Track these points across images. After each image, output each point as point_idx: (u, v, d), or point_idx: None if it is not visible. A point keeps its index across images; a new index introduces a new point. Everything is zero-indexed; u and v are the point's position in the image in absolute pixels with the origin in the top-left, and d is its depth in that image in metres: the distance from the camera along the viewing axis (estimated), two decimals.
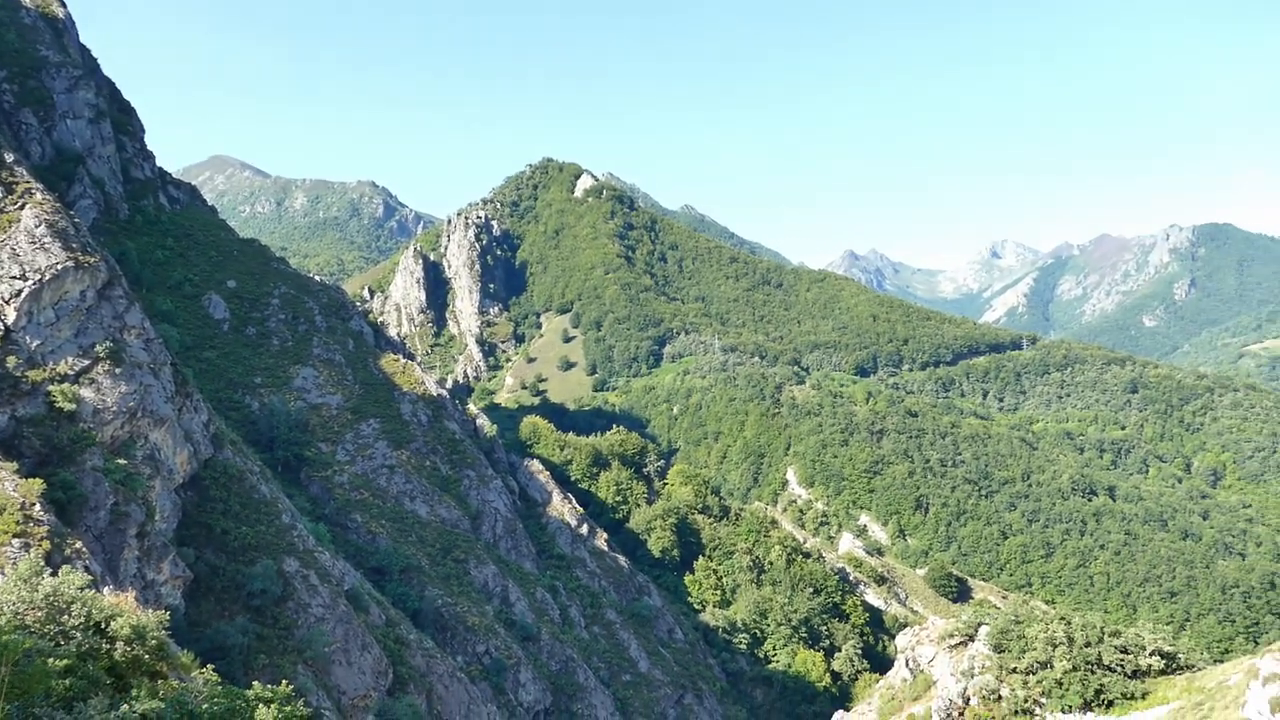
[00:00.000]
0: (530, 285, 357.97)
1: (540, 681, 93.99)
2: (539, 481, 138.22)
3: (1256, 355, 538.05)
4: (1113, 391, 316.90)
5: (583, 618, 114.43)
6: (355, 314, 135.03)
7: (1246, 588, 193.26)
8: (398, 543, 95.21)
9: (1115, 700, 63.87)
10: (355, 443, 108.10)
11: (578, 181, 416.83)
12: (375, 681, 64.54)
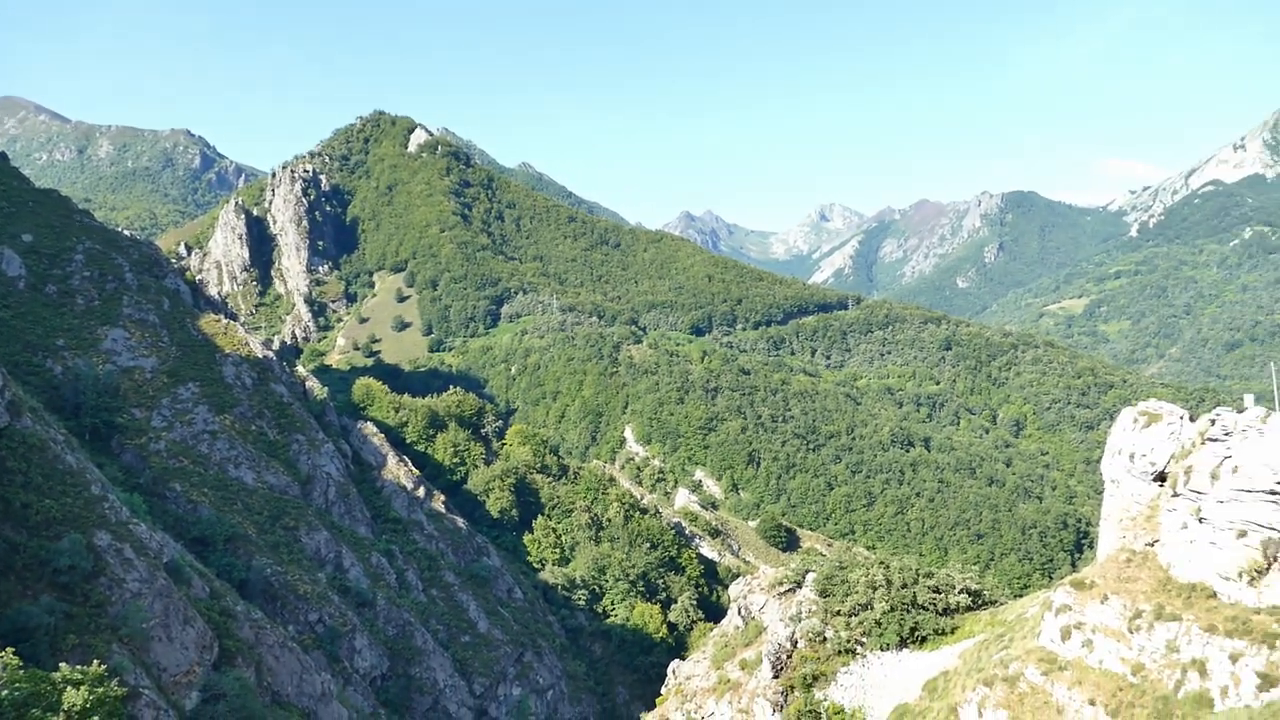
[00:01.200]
0: (362, 243, 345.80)
1: (377, 647, 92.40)
2: (373, 444, 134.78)
3: (1054, 314, 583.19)
4: (929, 349, 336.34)
5: (420, 581, 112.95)
6: (171, 272, 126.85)
7: (1043, 528, 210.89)
8: (222, 512, 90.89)
9: (928, 636, 68.52)
10: (173, 408, 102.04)
11: (411, 136, 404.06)
12: (199, 656, 61.71)
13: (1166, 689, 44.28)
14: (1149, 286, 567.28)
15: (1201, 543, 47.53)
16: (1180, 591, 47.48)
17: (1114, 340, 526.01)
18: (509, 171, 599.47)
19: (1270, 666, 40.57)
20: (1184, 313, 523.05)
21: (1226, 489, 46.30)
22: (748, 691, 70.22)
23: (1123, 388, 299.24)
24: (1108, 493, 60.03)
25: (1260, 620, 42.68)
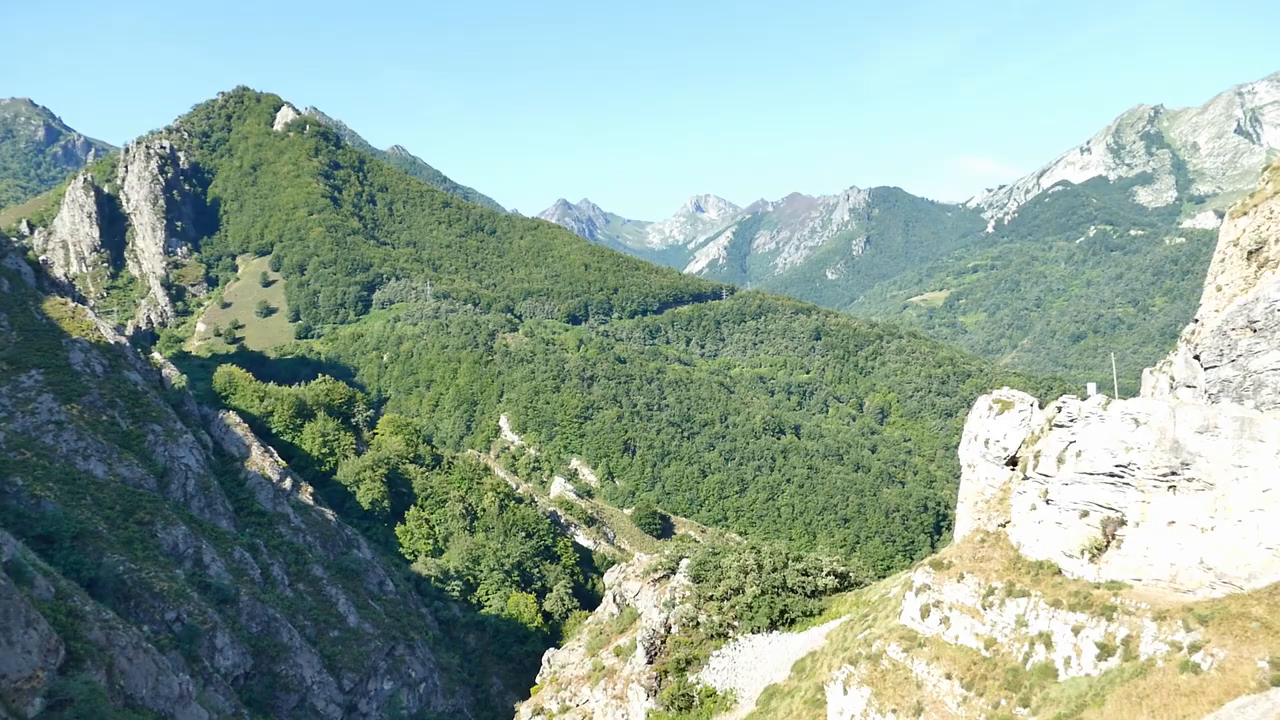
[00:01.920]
0: (224, 224, 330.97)
1: (239, 645, 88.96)
2: (236, 435, 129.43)
3: (917, 306, 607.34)
4: (800, 338, 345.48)
5: (287, 575, 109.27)
6: (11, 251, 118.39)
7: (905, 511, 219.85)
8: (69, 506, 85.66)
9: (797, 618, 70.53)
10: (13, 396, 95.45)
11: (278, 114, 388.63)
12: (44, 660, 58.05)
13: (1016, 661, 46.85)
14: (1004, 281, 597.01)
15: (1048, 523, 50.44)
16: (1029, 569, 50.27)
17: (972, 331, 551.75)
18: (381, 154, 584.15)
19: (1108, 637, 43.43)
20: (1035, 306, 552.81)
21: (1071, 472, 49.24)
22: (622, 677, 70.77)
23: (979, 377, 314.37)
24: (964, 477, 63.03)
25: (1099, 594, 45.62)
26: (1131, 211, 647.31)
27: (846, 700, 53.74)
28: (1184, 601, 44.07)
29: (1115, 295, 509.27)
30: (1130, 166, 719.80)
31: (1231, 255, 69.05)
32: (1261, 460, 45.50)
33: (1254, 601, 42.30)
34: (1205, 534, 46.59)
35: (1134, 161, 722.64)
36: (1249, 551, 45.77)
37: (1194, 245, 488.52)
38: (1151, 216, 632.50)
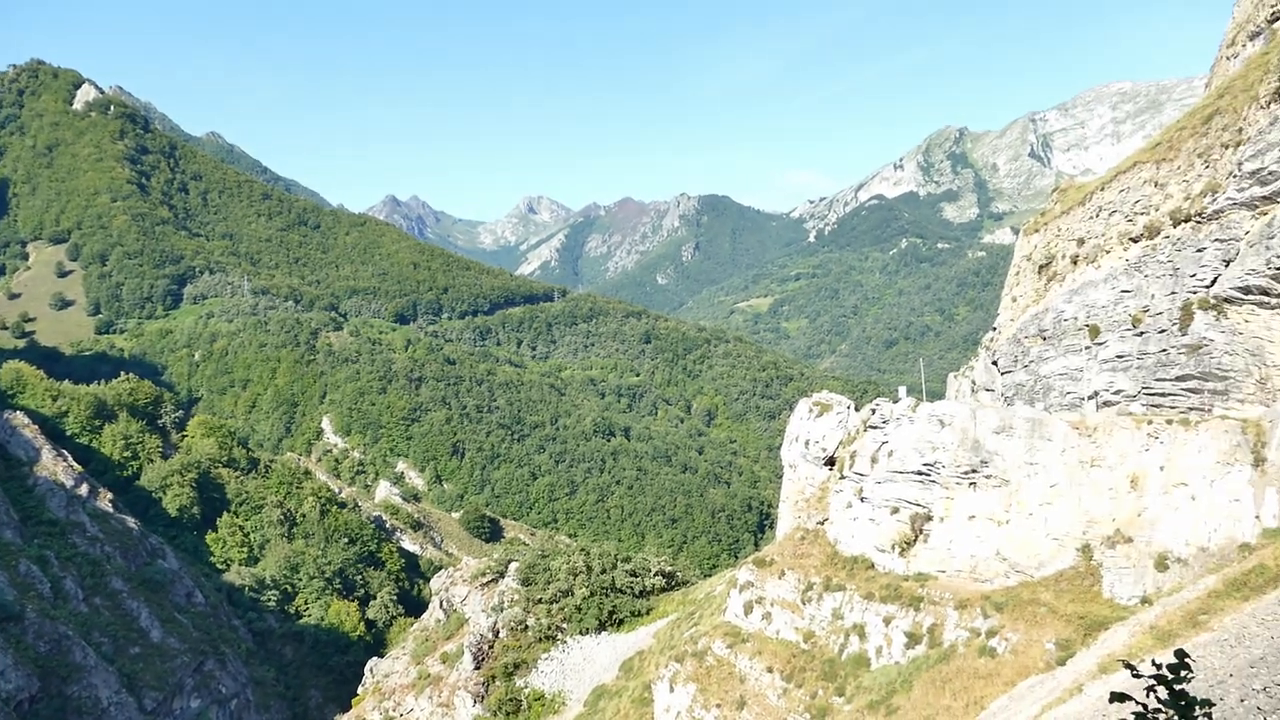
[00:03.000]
0: (13, 209, 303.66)
1: (24, 666, 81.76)
2: (24, 437, 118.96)
3: (744, 312, 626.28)
4: (630, 341, 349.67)
5: (81, 589, 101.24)
6: None
7: (731, 511, 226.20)
8: None
9: (625, 618, 71.23)
10: None
11: (77, 92, 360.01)
12: None
13: (833, 652, 48.91)
14: (824, 289, 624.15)
15: (863, 519, 52.98)
16: (845, 564, 52.59)
17: (794, 336, 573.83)
18: (195, 140, 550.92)
19: (915, 626, 45.98)
20: (852, 313, 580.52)
21: (883, 471, 51.90)
22: (449, 685, 69.44)
23: (801, 380, 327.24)
24: (786, 477, 65.34)
25: (908, 586, 48.22)
26: (939, 226, 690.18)
27: (673, 697, 54.64)
28: (983, 590, 47.27)
29: (924, 304, 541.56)
30: (938, 184, 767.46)
31: (1025, 269, 74.73)
32: (1050, 458, 49.41)
33: (1043, 588, 45.83)
34: (1001, 527, 50.16)
35: (941, 179, 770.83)
36: (1039, 542, 49.58)
37: (993, 259, 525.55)
38: (957, 231, 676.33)
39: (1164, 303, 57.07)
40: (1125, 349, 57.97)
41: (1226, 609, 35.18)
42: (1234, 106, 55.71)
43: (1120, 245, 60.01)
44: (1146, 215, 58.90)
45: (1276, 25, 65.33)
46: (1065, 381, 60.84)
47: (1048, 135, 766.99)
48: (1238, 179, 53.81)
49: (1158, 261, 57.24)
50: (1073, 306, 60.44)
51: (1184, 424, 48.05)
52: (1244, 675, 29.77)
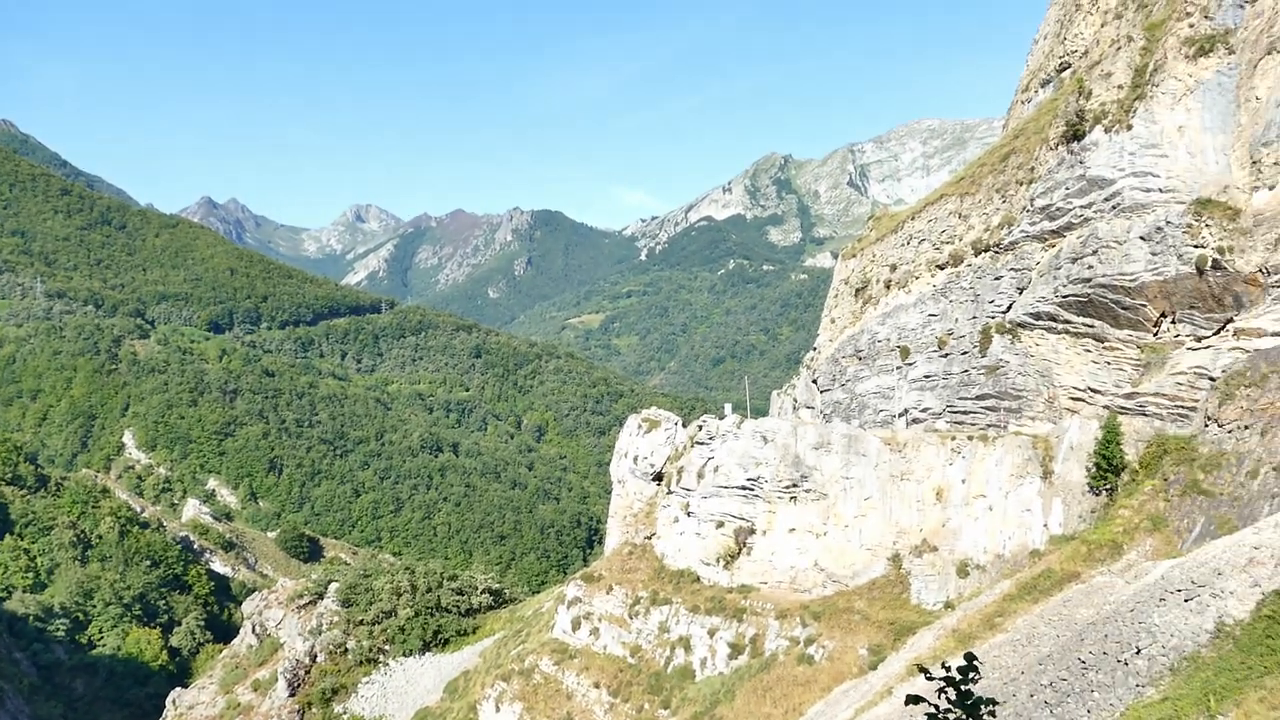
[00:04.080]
0: None
1: None
2: None
3: (575, 328, 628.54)
4: (460, 356, 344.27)
5: None
6: None
7: (560, 527, 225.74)
8: None
9: (451, 638, 69.79)
10: None
11: None
12: None
13: (659, 666, 49.52)
14: (654, 306, 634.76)
15: (689, 534, 54.03)
16: (672, 578, 53.43)
17: (624, 353, 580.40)
18: None
19: (738, 637, 47.20)
20: (681, 331, 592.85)
21: (709, 486, 53.14)
22: (261, 714, 65.98)
23: (631, 397, 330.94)
24: (615, 492, 65.83)
25: (732, 598, 49.48)
26: (765, 248, 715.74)
27: (499, 717, 53.88)
28: (802, 600, 49.09)
29: (750, 323, 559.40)
30: (764, 208, 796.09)
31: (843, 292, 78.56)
32: (864, 472, 51.96)
33: (857, 596, 48.04)
34: (820, 539, 52.29)
35: (767, 204, 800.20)
36: (854, 553, 51.98)
37: (815, 281, 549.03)
38: (781, 254, 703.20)
39: (966, 327, 61.28)
40: (932, 369, 61.81)
41: (1019, 611, 37.88)
42: (1027, 147, 60.61)
43: (929, 272, 64.01)
44: (951, 244, 63.13)
45: (1065, 74, 71.53)
46: (879, 399, 64.23)
47: (865, 166, 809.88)
48: (1030, 214, 58.53)
49: (961, 288, 61.42)
50: (886, 329, 63.96)
51: (983, 440, 51.59)
52: (1034, 672, 32.10)
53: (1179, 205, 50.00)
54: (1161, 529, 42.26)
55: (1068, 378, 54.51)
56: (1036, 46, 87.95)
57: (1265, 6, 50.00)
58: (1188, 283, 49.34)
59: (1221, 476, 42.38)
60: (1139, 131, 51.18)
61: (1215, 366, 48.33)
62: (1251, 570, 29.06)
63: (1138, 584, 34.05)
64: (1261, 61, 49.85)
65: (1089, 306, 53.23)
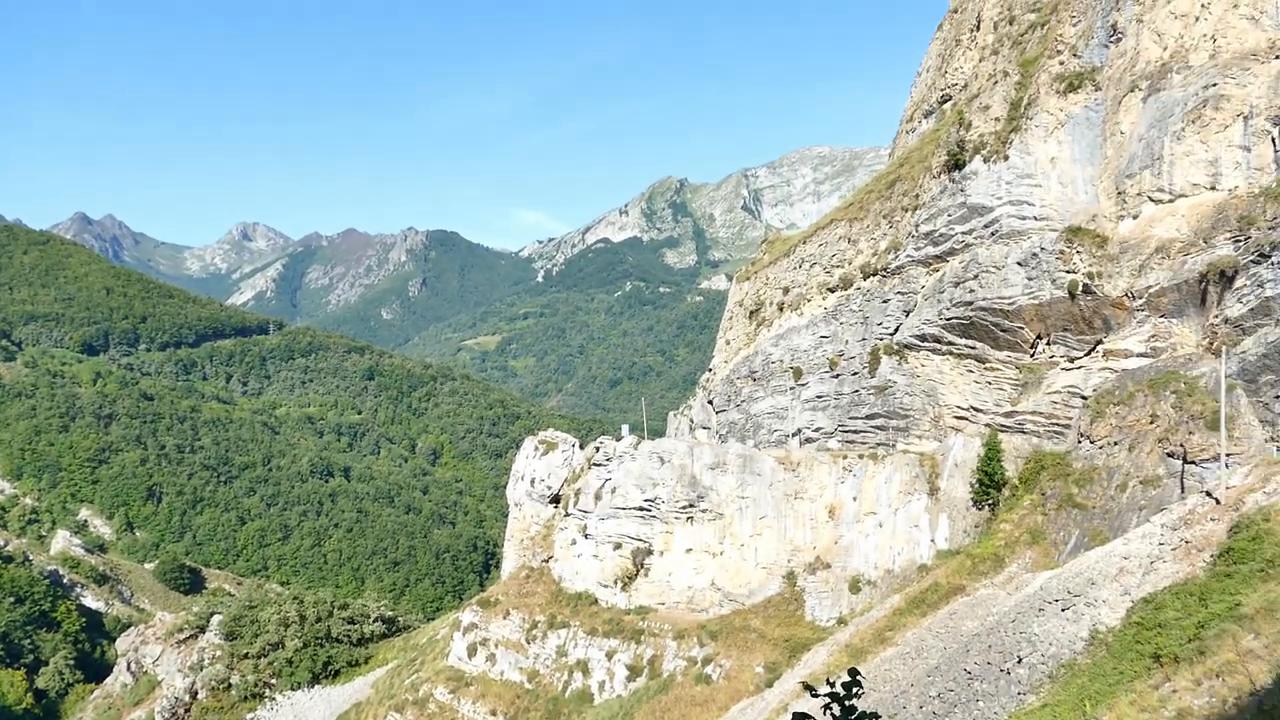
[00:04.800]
0: None
1: None
2: None
3: (471, 349, 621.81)
4: (352, 378, 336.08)
5: None
6: None
7: (456, 552, 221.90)
8: None
9: (342, 669, 67.70)
10: None
11: None
12: None
13: (556, 690, 49.03)
14: (551, 328, 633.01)
15: (587, 556, 53.81)
16: (570, 601, 53.08)
17: (521, 375, 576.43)
18: None
19: (636, 659, 47.14)
20: (579, 352, 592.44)
21: (607, 507, 53.09)
22: None
23: (528, 419, 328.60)
24: (512, 515, 65.16)
25: (630, 620, 49.42)
26: (661, 271, 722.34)
27: None
28: (699, 620, 49.36)
29: (647, 345, 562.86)
30: (660, 231, 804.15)
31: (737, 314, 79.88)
32: (759, 492, 52.72)
33: (753, 615, 48.58)
34: (716, 558, 52.75)
35: (664, 226, 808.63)
36: (749, 572, 52.60)
37: (710, 303, 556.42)
38: (677, 276, 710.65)
39: (856, 348, 63.00)
40: (824, 390, 63.29)
41: (908, 625, 38.90)
42: (912, 175, 62.91)
43: (820, 295, 65.65)
44: (842, 268, 64.91)
45: (946, 106, 74.62)
46: (773, 420, 65.38)
47: (759, 190, 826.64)
48: (915, 239, 60.68)
49: (851, 310, 63.17)
50: (779, 350, 65.23)
51: (873, 458, 52.99)
52: (923, 684, 32.97)
53: (1052, 233, 52.63)
54: (1040, 541, 44.10)
55: (952, 397, 56.56)
56: (920, 79, 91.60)
57: (1128, 47, 53.26)
58: (1061, 306, 51.91)
59: (1094, 490, 44.53)
60: (1015, 162, 53.74)
61: (1087, 386, 50.89)
62: (1122, 579, 30.55)
63: (1018, 595, 35.40)
64: (1125, 98, 53.01)
65: (971, 328, 55.43)
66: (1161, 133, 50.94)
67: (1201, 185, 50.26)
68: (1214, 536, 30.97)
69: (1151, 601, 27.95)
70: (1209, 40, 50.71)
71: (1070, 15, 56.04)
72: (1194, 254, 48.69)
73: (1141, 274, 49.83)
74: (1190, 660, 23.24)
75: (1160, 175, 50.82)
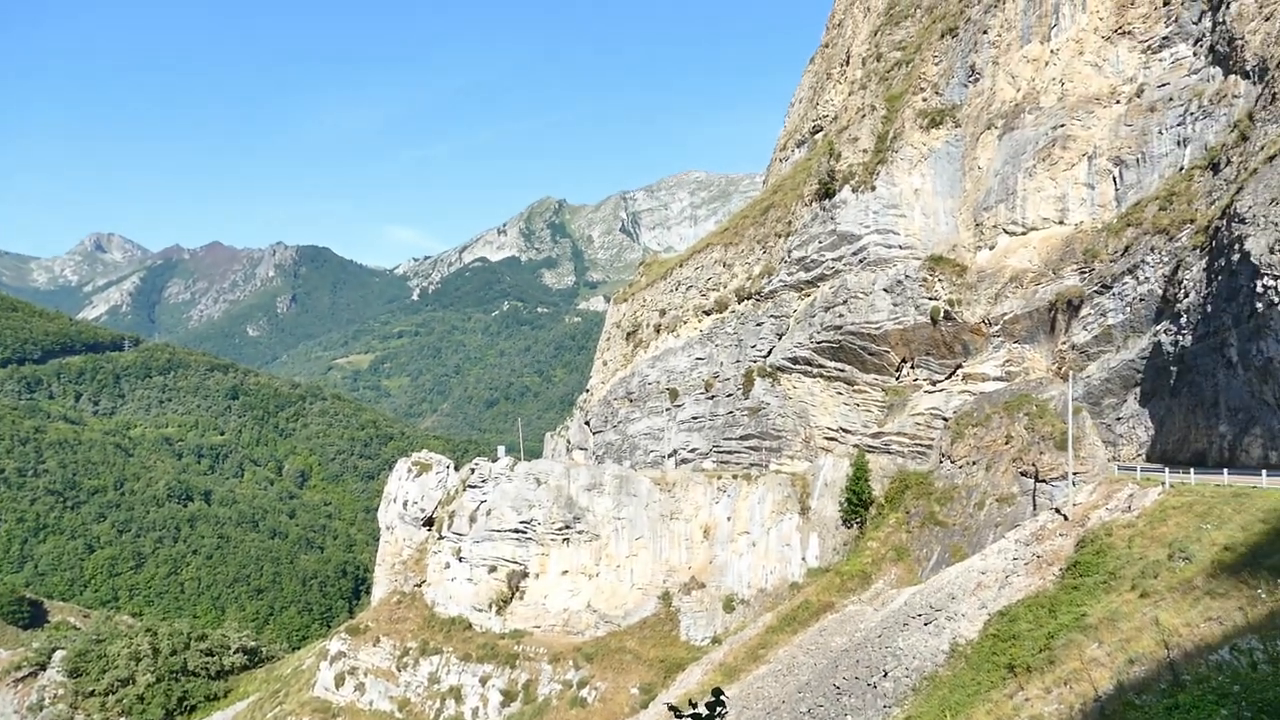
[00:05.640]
0: None
1: None
2: None
3: (343, 368, 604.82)
4: (215, 397, 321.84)
5: None
6: None
7: (324, 578, 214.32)
8: None
9: (199, 704, 64.34)
10: None
11: None
12: None
13: (429, 718, 47.86)
14: (427, 347, 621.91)
15: (461, 579, 52.87)
16: (443, 626, 51.99)
17: (395, 395, 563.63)
18: None
19: (510, 684, 46.48)
20: (455, 372, 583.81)
21: (482, 529, 52.35)
22: None
23: (401, 440, 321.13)
24: (383, 539, 63.54)
25: (505, 644, 48.74)
26: (539, 291, 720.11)
27: None
28: (575, 642, 49.06)
29: (524, 365, 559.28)
30: (539, 251, 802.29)
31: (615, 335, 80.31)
32: (635, 512, 52.94)
33: (629, 636, 48.62)
34: (592, 580, 52.61)
35: (542, 247, 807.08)
36: (625, 593, 52.67)
37: (588, 324, 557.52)
38: (555, 297, 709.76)
39: (731, 370, 64.20)
40: (699, 411, 64.19)
41: (780, 642, 39.67)
42: (785, 202, 64.75)
43: (696, 317, 66.69)
44: (717, 291, 66.15)
45: (817, 136, 77.21)
46: (649, 440, 65.86)
47: (637, 213, 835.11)
48: (787, 264, 62.40)
49: (726, 333, 64.38)
50: (656, 371, 65.87)
51: (747, 479, 53.97)
52: (793, 700, 33.63)
53: (916, 261, 55.00)
54: (905, 558, 45.71)
55: (822, 418, 58.21)
56: (793, 110, 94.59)
57: (985, 87, 56.35)
58: (924, 331, 54.25)
59: (954, 508, 46.50)
60: (881, 192, 56.01)
61: (948, 408, 53.24)
62: (979, 593, 31.96)
63: (884, 611, 36.59)
64: (982, 135, 56.01)
65: (840, 352, 57.26)
66: (1015, 169, 54.01)
67: (1051, 219, 53.52)
68: (1062, 551, 32.76)
69: (1006, 614, 29.31)
70: (1058, 84, 54.17)
71: (933, 55, 58.92)
72: (1044, 284, 51.71)
73: (997, 302, 52.56)
74: (1041, 669, 24.46)
75: (1014, 209, 53.84)
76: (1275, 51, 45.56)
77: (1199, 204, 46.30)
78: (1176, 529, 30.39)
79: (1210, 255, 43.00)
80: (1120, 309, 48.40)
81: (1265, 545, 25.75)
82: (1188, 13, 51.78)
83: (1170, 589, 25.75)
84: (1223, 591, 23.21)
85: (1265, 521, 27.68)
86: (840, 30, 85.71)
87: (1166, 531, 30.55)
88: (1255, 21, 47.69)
